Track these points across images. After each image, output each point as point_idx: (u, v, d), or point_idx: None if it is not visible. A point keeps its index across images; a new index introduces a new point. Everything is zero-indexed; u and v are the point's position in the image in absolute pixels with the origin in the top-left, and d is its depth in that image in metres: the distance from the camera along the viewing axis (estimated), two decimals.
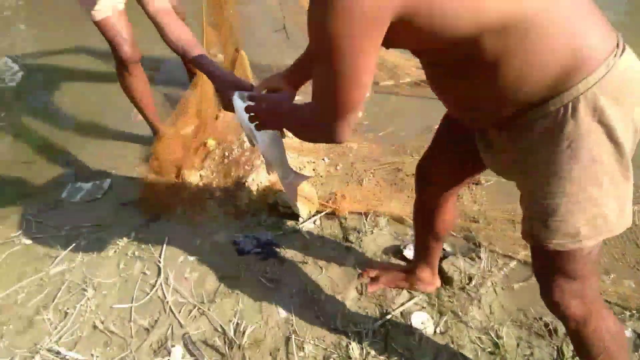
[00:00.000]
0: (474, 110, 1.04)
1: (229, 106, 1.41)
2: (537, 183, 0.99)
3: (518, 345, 1.59)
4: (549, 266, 1.08)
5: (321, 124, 1.00)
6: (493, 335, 1.61)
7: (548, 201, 0.98)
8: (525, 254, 1.86)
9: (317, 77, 0.94)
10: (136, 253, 2.06)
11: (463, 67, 0.94)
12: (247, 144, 2.47)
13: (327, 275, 1.88)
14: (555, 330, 1.60)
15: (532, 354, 1.57)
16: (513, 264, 1.86)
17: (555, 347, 1.57)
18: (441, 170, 1.39)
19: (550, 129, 0.93)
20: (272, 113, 1.24)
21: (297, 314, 1.74)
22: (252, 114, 1.27)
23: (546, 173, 0.96)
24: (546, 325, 1.63)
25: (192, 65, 1.73)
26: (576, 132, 0.90)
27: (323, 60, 0.88)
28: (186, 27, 1.83)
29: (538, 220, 1.02)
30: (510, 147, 1.02)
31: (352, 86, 0.89)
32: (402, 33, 0.87)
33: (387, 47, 0.96)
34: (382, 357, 1.58)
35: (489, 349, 1.59)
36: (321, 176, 2.40)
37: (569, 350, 1.54)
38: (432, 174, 1.42)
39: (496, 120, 1.00)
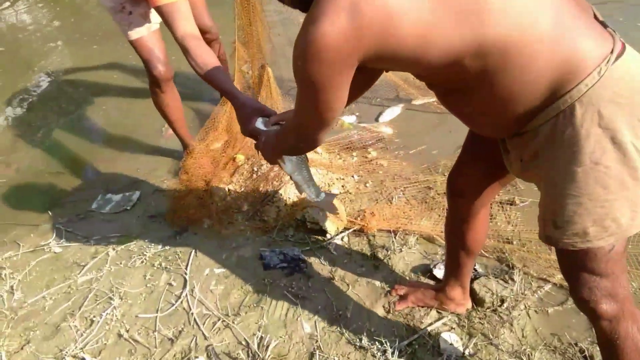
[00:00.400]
0: (482, 122, 1.15)
1: (248, 132, 1.59)
2: (547, 185, 1.08)
3: None
4: (572, 265, 1.13)
5: (304, 137, 1.23)
6: None
7: (557, 202, 1.06)
8: (561, 277, 1.87)
9: (299, 102, 1.13)
10: (163, 264, 2.16)
11: (457, 87, 1.06)
12: None
13: (353, 292, 1.93)
14: (592, 357, 1.59)
15: None
16: (548, 287, 1.86)
17: None
18: (471, 179, 1.45)
19: (552, 134, 1.01)
20: (267, 146, 1.47)
21: (322, 330, 1.80)
22: (257, 149, 1.51)
23: (553, 175, 1.04)
24: (581, 351, 1.62)
25: (216, 89, 1.84)
26: (575, 137, 0.98)
27: (304, 92, 1.08)
28: (212, 52, 1.93)
29: (549, 220, 1.09)
30: (521, 153, 1.11)
31: (326, 111, 1.08)
32: (380, 64, 1.03)
33: (387, 71, 1.11)
34: None
35: None
36: (350, 193, 2.47)
37: None
38: (462, 184, 1.48)
39: (504, 130, 1.10)
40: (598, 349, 1.27)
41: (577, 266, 1.12)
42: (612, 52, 0.96)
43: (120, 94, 3.78)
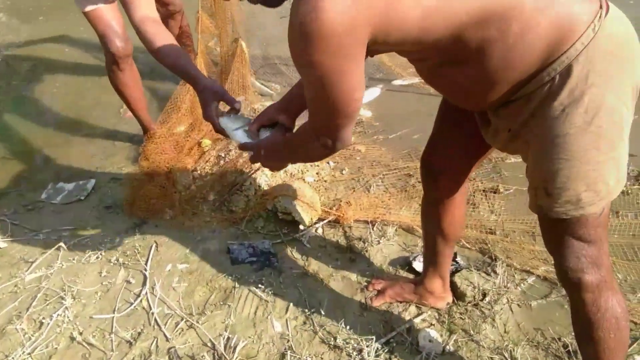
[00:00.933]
0: (469, 95, 1.16)
1: (209, 118, 1.58)
2: (538, 152, 1.10)
3: None
4: (561, 233, 1.16)
5: (325, 141, 1.16)
6: (507, 356, 1.66)
7: (548, 169, 1.08)
8: (545, 269, 1.91)
9: (312, 102, 1.09)
10: (120, 260, 2.12)
11: (450, 60, 1.07)
12: None
13: (328, 288, 1.93)
14: (575, 353, 1.63)
15: None
16: (532, 279, 1.91)
17: None
18: (446, 156, 1.47)
19: (545, 97, 1.05)
20: (272, 157, 1.42)
21: (294, 328, 1.80)
22: (255, 162, 1.46)
23: (545, 141, 1.07)
24: (565, 346, 1.67)
25: (177, 74, 1.80)
26: (570, 97, 1.02)
27: (313, 87, 1.02)
28: (171, 36, 1.89)
29: (541, 188, 1.12)
30: (510, 122, 1.13)
31: (347, 103, 1.04)
32: (382, 46, 1.01)
33: (372, 56, 1.11)
34: None
35: None
36: (325, 181, 2.47)
37: None
38: (437, 162, 1.50)
39: (493, 100, 1.12)
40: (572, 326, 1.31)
41: (566, 235, 1.15)
42: (600, 7, 1.01)
43: (72, 71, 3.68)
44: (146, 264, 2.09)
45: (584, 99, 1.01)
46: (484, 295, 1.83)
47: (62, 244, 2.21)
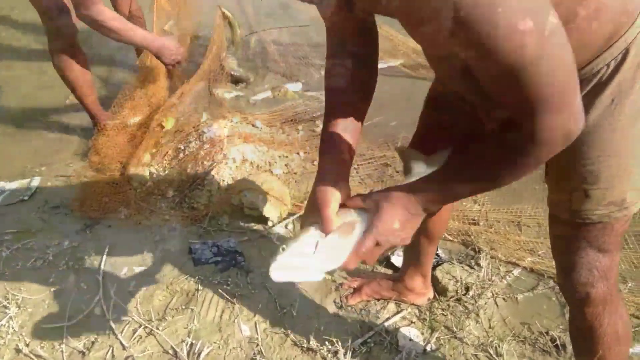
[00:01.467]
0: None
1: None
2: (576, 150, 1.02)
3: None
4: (580, 241, 1.14)
5: (548, 138, 0.87)
6: (492, 353, 1.69)
7: (589, 168, 1.05)
8: (531, 260, 1.95)
9: (532, 105, 0.84)
10: (70, 264, 2.08)
11: None
12: (207, 135, 2.54)
13: (300, 287, 1.94)
14: (564, 346, 1.68)
15: None
16: (517, 271, 1.94)
17: None
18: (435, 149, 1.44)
19: (594, 87, 1.00)
20: (411, 223, 1.06)
21: (264, 332, 1.80)
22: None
23: (587, 137, 1.01)
24: (553, 340, 1.71)
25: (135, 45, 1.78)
26: (621, 85, 0.98)
27: (536, 83, 0.81)
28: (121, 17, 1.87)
29: (580, 190, 1.08)
30: None
31: (570, 80, 0.84)
32: None
33: None
34: None
35: None
36: (295, 173, 2.47)
37: None
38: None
39: None
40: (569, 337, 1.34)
41: (584, 243, 1.13)
42: None
43: (10, 56, 3.59)
44: (99, 268, 2.06)
45: (635, 86, 0.98)
46: (467, 289, 1.85)
47: (4, 249, 2.16)
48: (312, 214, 1.07)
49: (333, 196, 1.05)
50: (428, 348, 1.71)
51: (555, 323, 1.76)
